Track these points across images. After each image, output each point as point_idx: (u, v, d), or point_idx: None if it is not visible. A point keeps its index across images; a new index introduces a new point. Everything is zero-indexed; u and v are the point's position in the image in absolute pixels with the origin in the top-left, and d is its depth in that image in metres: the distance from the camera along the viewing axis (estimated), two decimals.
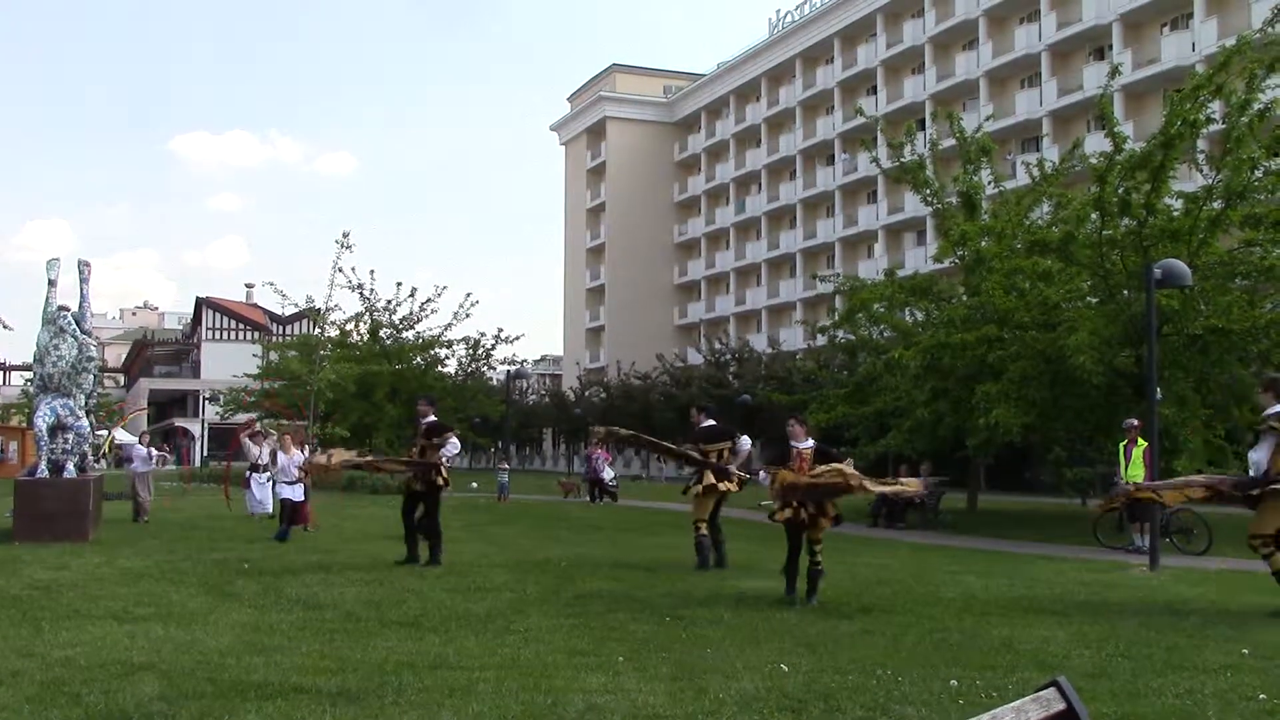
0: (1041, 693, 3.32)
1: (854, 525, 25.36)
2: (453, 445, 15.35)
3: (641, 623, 9.98)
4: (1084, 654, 8.76)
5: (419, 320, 44.36)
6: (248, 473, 23.39)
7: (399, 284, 70.86)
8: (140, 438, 24.11)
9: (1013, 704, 3.22)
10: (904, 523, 25.23)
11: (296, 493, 19.13)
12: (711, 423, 15.55)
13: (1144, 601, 12.08)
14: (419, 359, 45.11)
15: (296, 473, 19.06)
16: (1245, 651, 8.89)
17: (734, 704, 6.82)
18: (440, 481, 15.22)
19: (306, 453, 20.25)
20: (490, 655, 8.36)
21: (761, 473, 11.84)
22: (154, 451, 23.85)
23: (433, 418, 15.71)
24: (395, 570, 14.05)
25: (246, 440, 23.24)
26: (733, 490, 15.22)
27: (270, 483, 22.14)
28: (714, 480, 15.00)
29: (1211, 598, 12.39)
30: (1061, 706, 3.31)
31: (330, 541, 18.29)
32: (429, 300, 44.30)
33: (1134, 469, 19.11)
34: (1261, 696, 7.22)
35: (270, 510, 22.22)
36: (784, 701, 6.91)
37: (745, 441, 15.35)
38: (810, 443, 12.21)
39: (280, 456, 19.70)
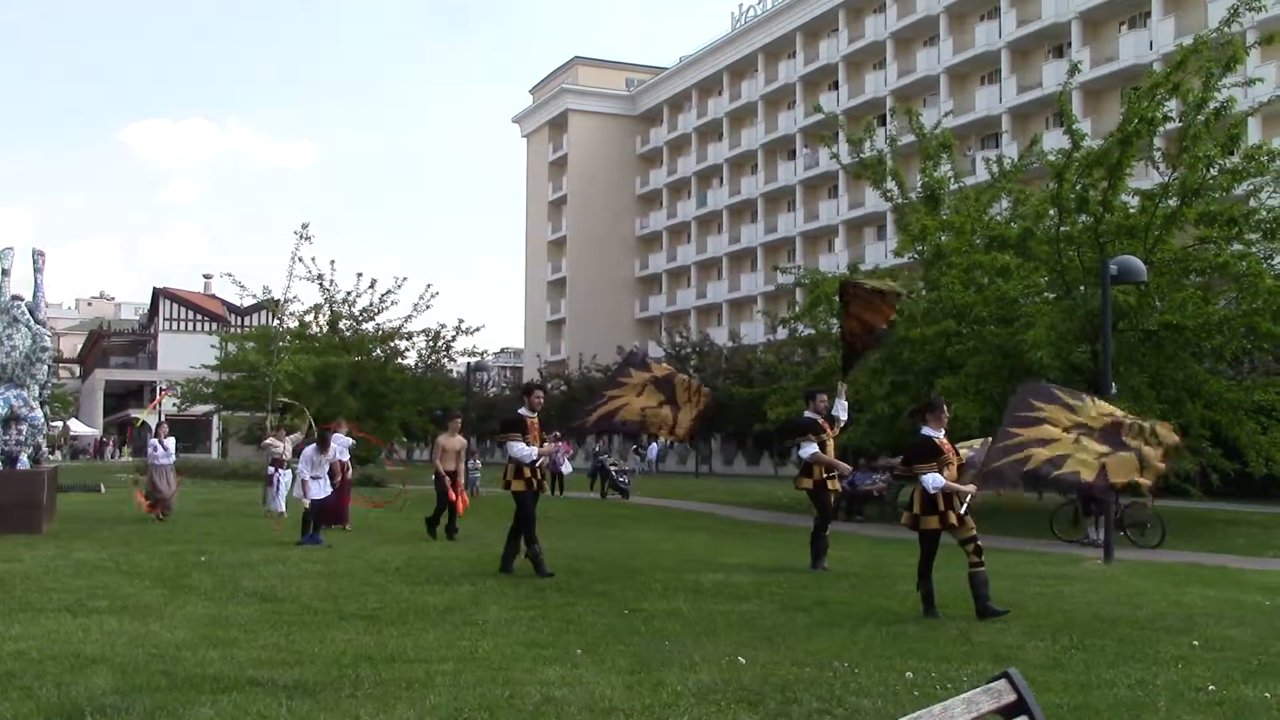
0: (993, 684, 3.36)
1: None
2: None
3: (600, 615, 9.99)
4: (1038, 646, 8.85)
5: (379, 312, 44.09)
6: (270, 469, 22.57)
7: (359, 275, 70.46)
8: (157, 429, 22.22)
9: (964, 695, 3.25)
10: (863, 515, 25.39)
11: (323, 489, 17.25)
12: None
13: (1098, 594, 12.21)
14: (379, 351, 44.85)
15: (324, 469, 17.38)
16: (1196, 643, 9.01)
17: (691, 696, 6.84)
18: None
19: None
20: (448, 648, 8.34)
21: (931, 476, 10.30)
22: (172, 443, 21.71)
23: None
24: (353, 563, 13.98)
25: (270, 436, 22.60)
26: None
27: (292, 480, 21.28)
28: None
29: (1164, 590, 12.54)
30: (1013, 698, 3.35)
31: (289, 534, 18.18)
32: (389, 292, 43.99)
33: None
34: (1211, 688, 7.32)
35: (284, 510, 21.40)
36: (741, 693, 6.94)
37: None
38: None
39: (306, 458, 17.54)
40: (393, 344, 45.22)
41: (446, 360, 48.65)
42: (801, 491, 14.89)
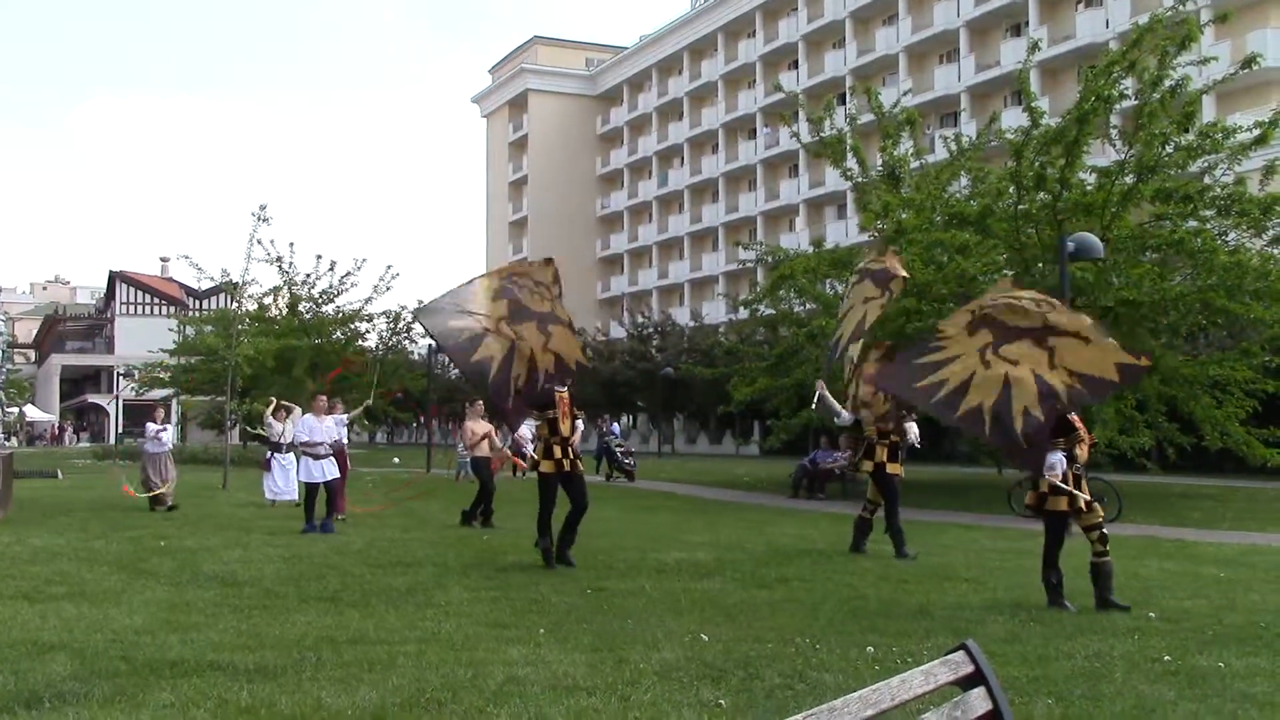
0: (950, 656, 3.38)
1: (775, 496, 25.66)
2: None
3: (563, 595, 9.99)
4: (998, 619, 8.94)
5: (339, 294, 43.78)
6: (268, 454, 21.22)
7: (318, 257, 70.13)
8: (154, 413, 21.04)
9: (923, 667, 3.27)
10: (824, 493, 25.51)
11: (330, 470, 16.37)
12: None
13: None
14: (339, 333, 44.57)
15: (328, 447, 16.40)
16: (1152, 615, 9.13)
17: (654, 673, 6.86)
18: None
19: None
20: (411, 629, 8.33)
21: (1057, 456, 9.49)
22: (168, 429, 20.70)
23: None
24: (315, 546, 13.92)
25: (269, 416, 21.12)
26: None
27: (295, 463, 19.98)
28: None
29: (1121, 564, 12.63)
30: (970, 669, 3.37)
31: (250, 518, 18.08)
32: (349, 274, 43.65)
33: None
34: (1166, 658, 7.42)
35: (297, 498, 20.03)
36: (704, 670, 6.97)
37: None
38: None
39: (307, 425, 16.53)
40: (353, 326, 44.94)
41: (408, 342, 48.40)
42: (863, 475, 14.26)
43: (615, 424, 62.15)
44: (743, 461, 48.16)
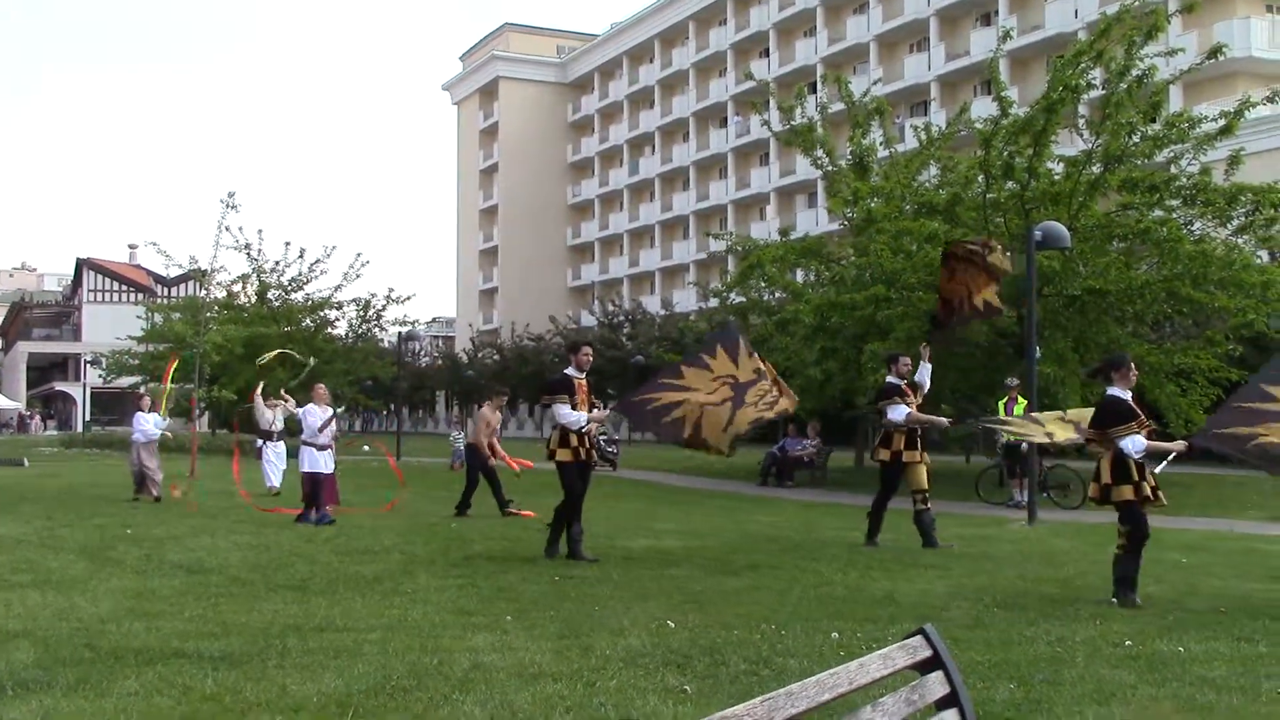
0: (909, 640, 3.41)
1: (744, 484, 25.75)
2: None
3: (530, 583, 10.01)
4: (962, 605, 9.01)
5: (308, 281, 43.61)
6: (259, 442, 21.09)
7: (287, 244, 69.57)
8: (140, 401, 20.63)
9: (881, 651, 3.30)
10: (793, 481, 25.62)
11: (328, 462, 15.86)
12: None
13: (1021, 554, 12.45)
14: (308, 321, 44.40)
15: (328, 437, 15.92)
16: (1114, 601, 9.21)
17: (620, 660, 6.88)
18: None
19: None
20: (377, 617, 8.32)
21: (1130, 440, 9.07)
22: (156, 418, 19.99)
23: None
24: (282, 534, 13.87)
25: (260, 403, 20.70)
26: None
27: (285, 453, 20.30)
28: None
29: (1085, 550, 12.79)
30: (928, 653, 3.40)
31: (217, 505, 18.00)
32: (318, 261, 43.50)
33: None
34: (1128, 643, 7.49)
35: (278, 486, 20.31)
36: (669, 657, 6.99)
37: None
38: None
39: (311, 416, 15.94)
40: (322, 314, 44.78)
41: (377, 330, 48.28)
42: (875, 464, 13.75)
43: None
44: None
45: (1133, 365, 9.59)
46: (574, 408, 11.65)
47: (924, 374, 13.68)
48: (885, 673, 3.23)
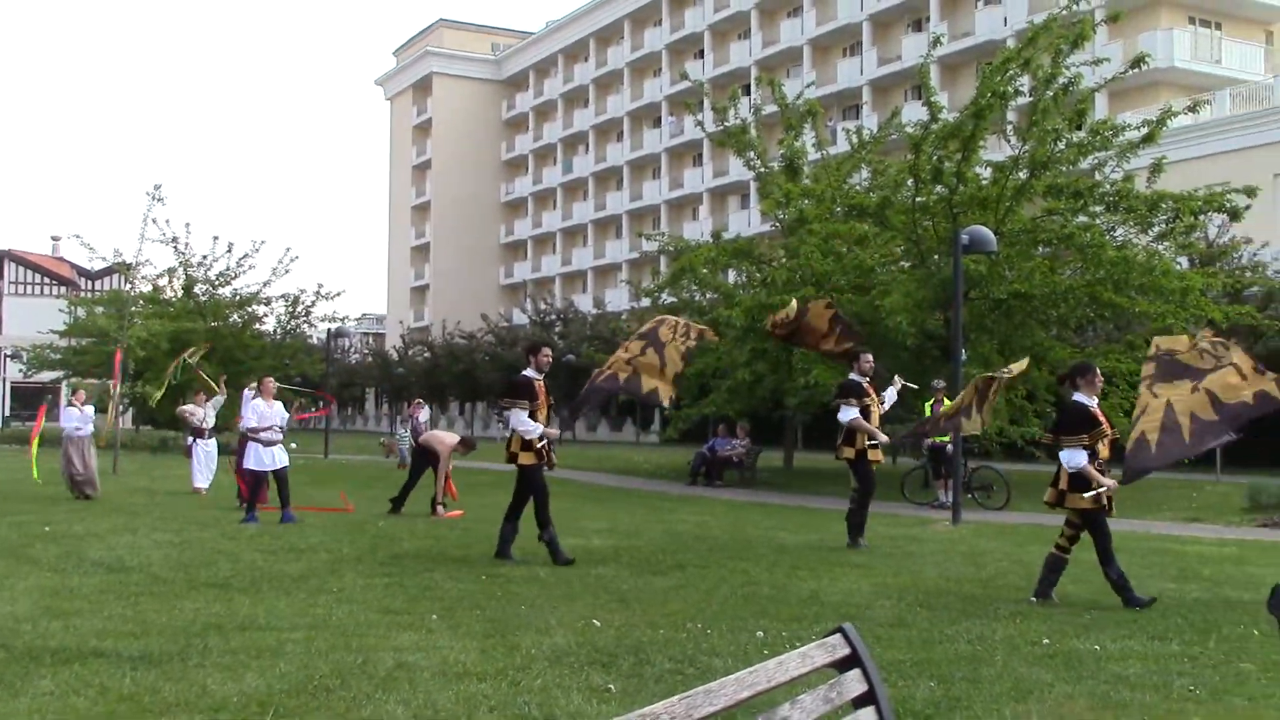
0: (828, 639, 3.45)
1: (673, 483, 25.82)
2: None
3: (457, 581, 9.97)
4: (886, 604, 9.11)
5: (236, 276, 43.03)
6: (189, 439, 20.49)
7: (215, 238, 68.55)
8: (74, 396, 20.12)
9: (800, 650, 3.34)
10: (722, 480, 25.75)
11: (281, 457, 15.53)
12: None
13: (945, 554, 12.60)
14: (236, 316, 43.82)
15: (278, 433, 15.56)
16: (1033, 599, 9.38)
17: (545, 659, 6.89)
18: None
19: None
20: (301, 616, 8.25)
21: (1070, 452, 9.18)
22: (86, 412, 19.56)
23: None
24: (206, 532, 13.70)
25: (188, 407, 20.33)
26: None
27: (216, 452, 20.06)
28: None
29: (1007, 550, 13.00)
30: (846, 651, 3.44)
31: (141, 504, 17.72)
32: (246, 256, 42.93)
33: None
34: (1045, 641, 7.63)
35: (208, 485, 19.99)
36: (595, 656, 7.01)
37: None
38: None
39: (257, 411, 15.58)
40: (250, 309, 44.21)
41: (306, 326, 47.75)
42: (841, 462, 13.61)
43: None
44: (642, 449, 48.34)
45: (1099, 373, 9.66)
46: (534, 411, 11.46)
47: (890, 396, 13.72)
48: (804, 671, 3.27)
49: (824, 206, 25.40)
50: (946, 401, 19.55)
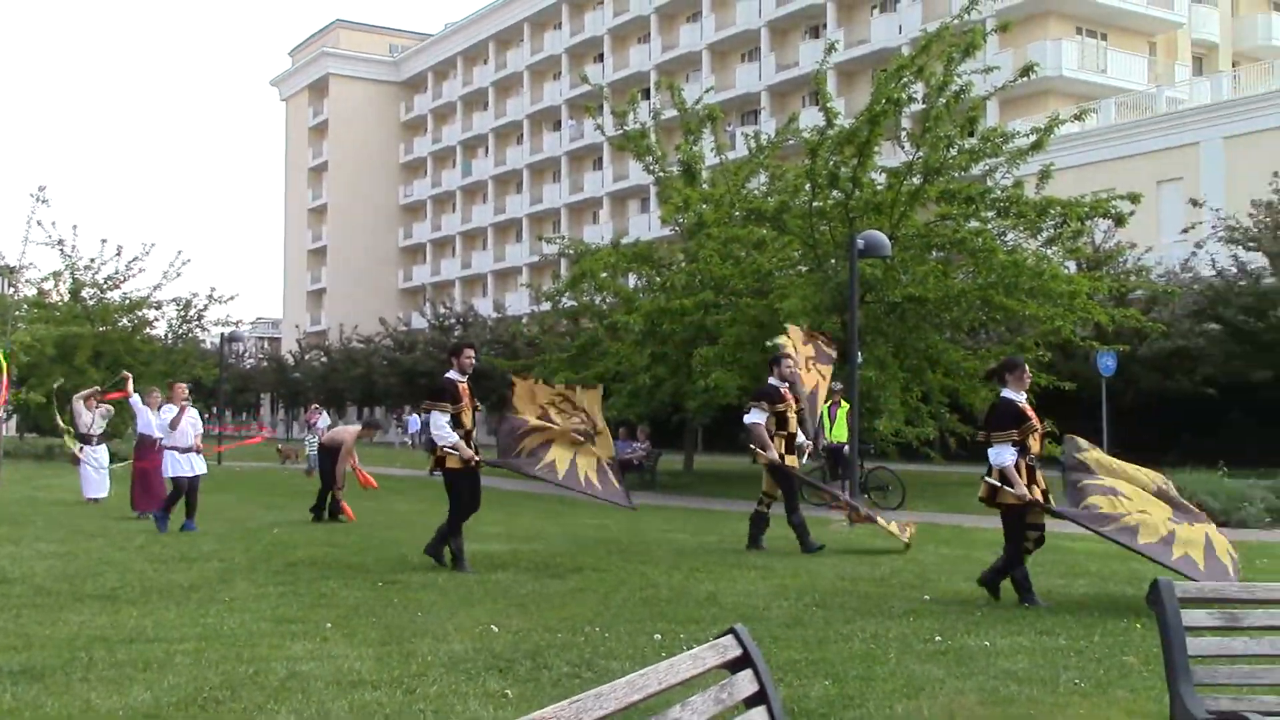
0: (719, 640, 3.47)
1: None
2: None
3: (353, 589, 9.84)
4: (783, 605, 9.19)
5: (125, 280, 41.96)
6: (78, 447, 19.50)
7: (104, 241, 67.05)
8: None
9: (691, 651, 3.35)
10: (623, 484, 25.73)
11: (199, 464, 15.19)
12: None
13: (842, 554, 12.75)
14: (125, 320, 42.73)
15: (193, 439, 15.15)
16: (926, 597, 9.54)
17: (441, 666, 6.83)
18: None
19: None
20: (191, 626, 8.08)
21: (998, 449, 9.19)
22: None
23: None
24: (93, 541, 13.35)
25: (79, 404, 19.40)
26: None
27: (107, 459, 19.32)
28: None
29: (901, 549, 13.18)
30: (738, 652, 3.46)
31: (25, 513, 17.21)
32: (136, 259, 41.88)
33: (838, 430, 20.19)
34: (938, 638, 7.76)
35: (105, 495, 19.08)
36: (492, 661, 6.97)
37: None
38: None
39: (162, 412, 15.29)
40: (140, 313, 43.16)
41: (199, 330, 46.73)
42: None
43: (415, 416, 61.60)
44: None
45: (1027, 369, 9.67)
46: (459, 414, 11.27)
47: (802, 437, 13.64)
48: (695, 672, 3.28)
49: (723, 211, 25.58)
50: (844, 404, 19.84)
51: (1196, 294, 30.02)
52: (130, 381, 18.80)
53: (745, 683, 3.42)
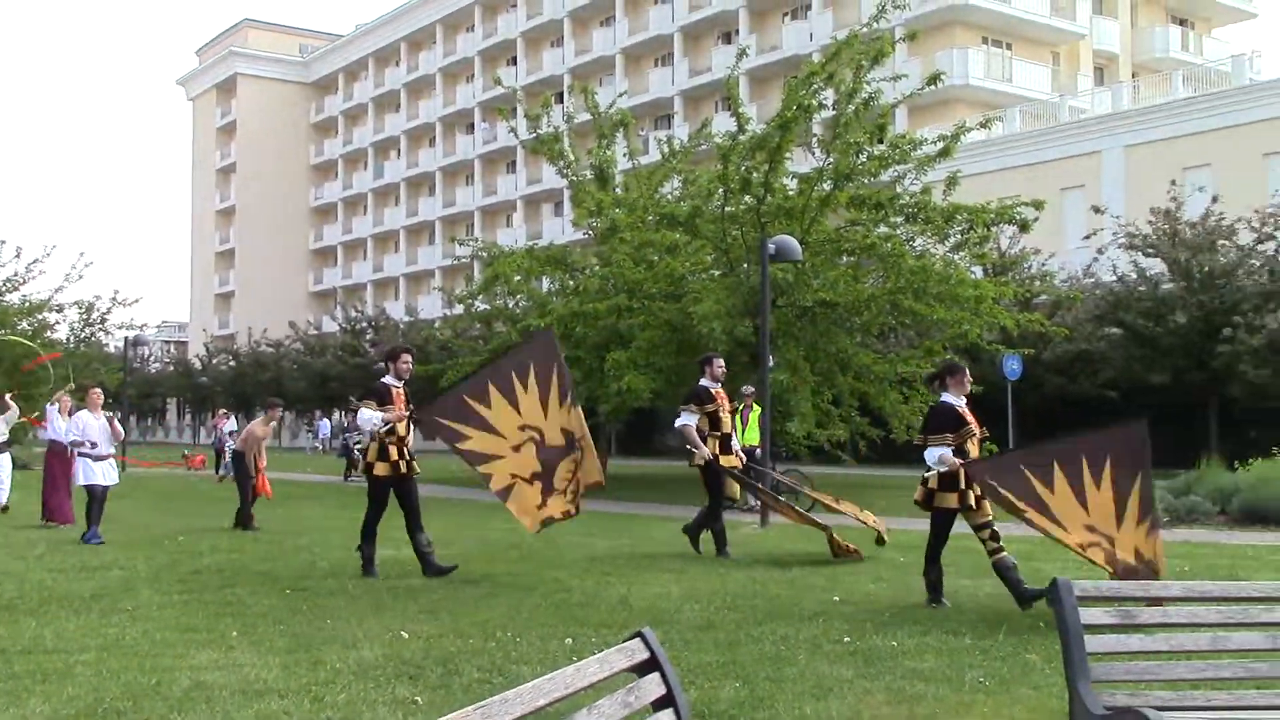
0: (627, 644, 3.48)
1: (485, 492, 25.60)
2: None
3: (261, 596, 9.70)
4: (694, 608, 9.22)
5: (25, 282, 40.94)
6: None
7: (2, 242, 65.09)
8: None
9: (599, 655, 3.36)
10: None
11: (110, 473, 14.76)
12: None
13: (753, 557, 12.83)
14: (24, 324, 41.68)
15: (109, 446, 14.79)
16: (836, 599, 9.63)
17: (350, 674, 6.76)
18: None
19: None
20: (92, 636, 7.91)
21: (934, 450, 9.18)
22: None
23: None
24: None
25: None
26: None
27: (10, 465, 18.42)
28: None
29: (811, 551, 13.30)
30: (645, 655, 3.48)
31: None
32: (36, 261, 40.91)
33: (750, 433, 20.29)
34: (847, 639, 7.85)
35: (4, 501, 18.15)
36: (402, 668, 6.91)
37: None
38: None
39: (81, 423, 14.73)
40: (40, 317, 42.12)
41: (102, 334, 45.76)
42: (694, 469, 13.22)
43: (325, 420, 60.89)
44: (455, 458, 47.89)
45: (967, 373, 9.67)
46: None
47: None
48: (603, 676, 3.29)
49: (636, 215, 25.64)
50: (756, 408, 19.96)
51: (1098, 299, 30.74)
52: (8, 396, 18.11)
53: (652, 686, 3.44)
